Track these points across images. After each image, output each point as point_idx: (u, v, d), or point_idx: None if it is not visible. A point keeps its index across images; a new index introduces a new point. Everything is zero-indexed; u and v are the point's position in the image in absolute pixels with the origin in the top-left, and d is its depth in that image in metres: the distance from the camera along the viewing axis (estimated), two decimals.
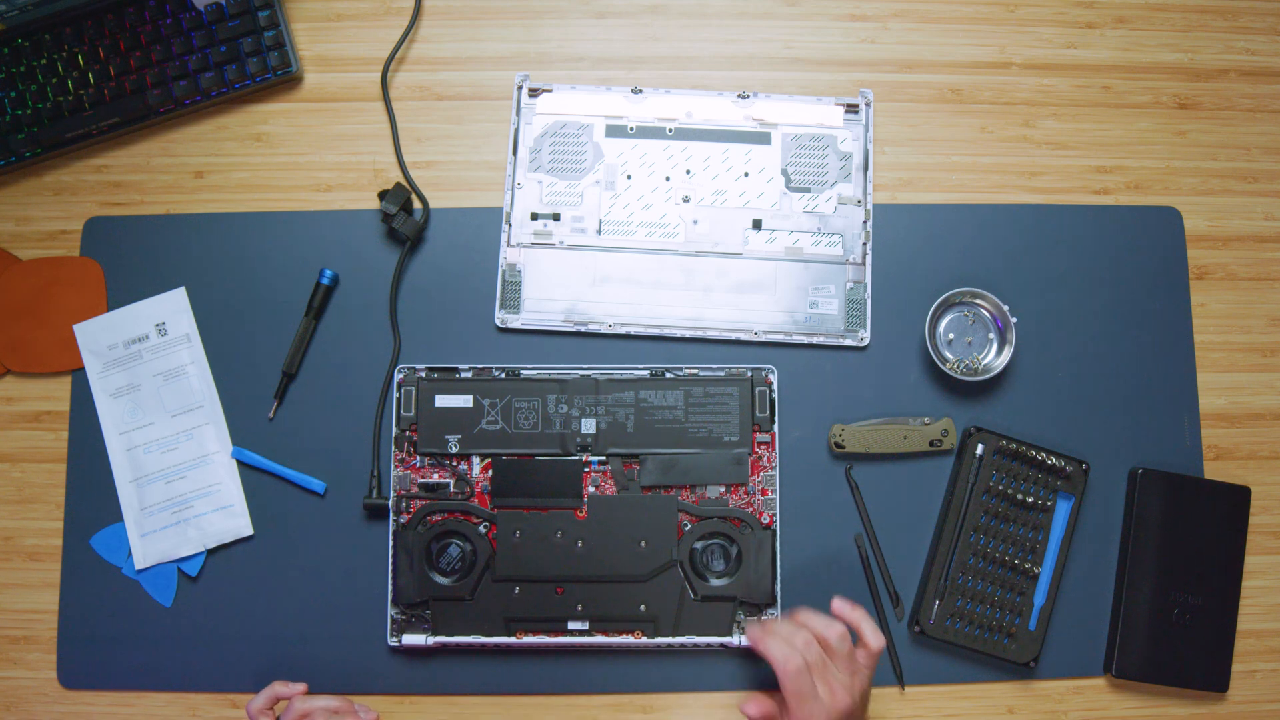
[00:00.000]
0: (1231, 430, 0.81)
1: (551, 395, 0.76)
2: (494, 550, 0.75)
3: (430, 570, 0.74)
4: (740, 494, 0.76)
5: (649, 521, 0.75)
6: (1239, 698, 0.78)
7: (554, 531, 0.75)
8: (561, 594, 0.74)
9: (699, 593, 0.75)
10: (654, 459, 0.76)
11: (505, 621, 0.74)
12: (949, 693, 0.77)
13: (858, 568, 0.78)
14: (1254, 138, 0.85)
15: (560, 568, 0.74)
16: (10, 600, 0.78)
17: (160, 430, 0.79)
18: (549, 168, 0.82)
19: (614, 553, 0.75)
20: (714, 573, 0.75)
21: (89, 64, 0.82)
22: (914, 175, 0.83)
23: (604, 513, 0.75)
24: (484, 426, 0.76)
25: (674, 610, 0.74)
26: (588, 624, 0.74)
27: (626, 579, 0.75)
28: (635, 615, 0.74)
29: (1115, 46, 0.86)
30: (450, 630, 0.74)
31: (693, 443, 0.76)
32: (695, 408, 0.76)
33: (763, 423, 0.76)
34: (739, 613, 0.75)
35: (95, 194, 0.83)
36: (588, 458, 0.76)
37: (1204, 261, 0.83)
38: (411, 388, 0.76)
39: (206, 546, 0.78)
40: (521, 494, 0.75)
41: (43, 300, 0.81)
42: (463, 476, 0.76)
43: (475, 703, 0.77)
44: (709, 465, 0.76)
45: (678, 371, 0.77)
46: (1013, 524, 0.77)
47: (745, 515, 0.75)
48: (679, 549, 0.75)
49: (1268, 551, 0.80)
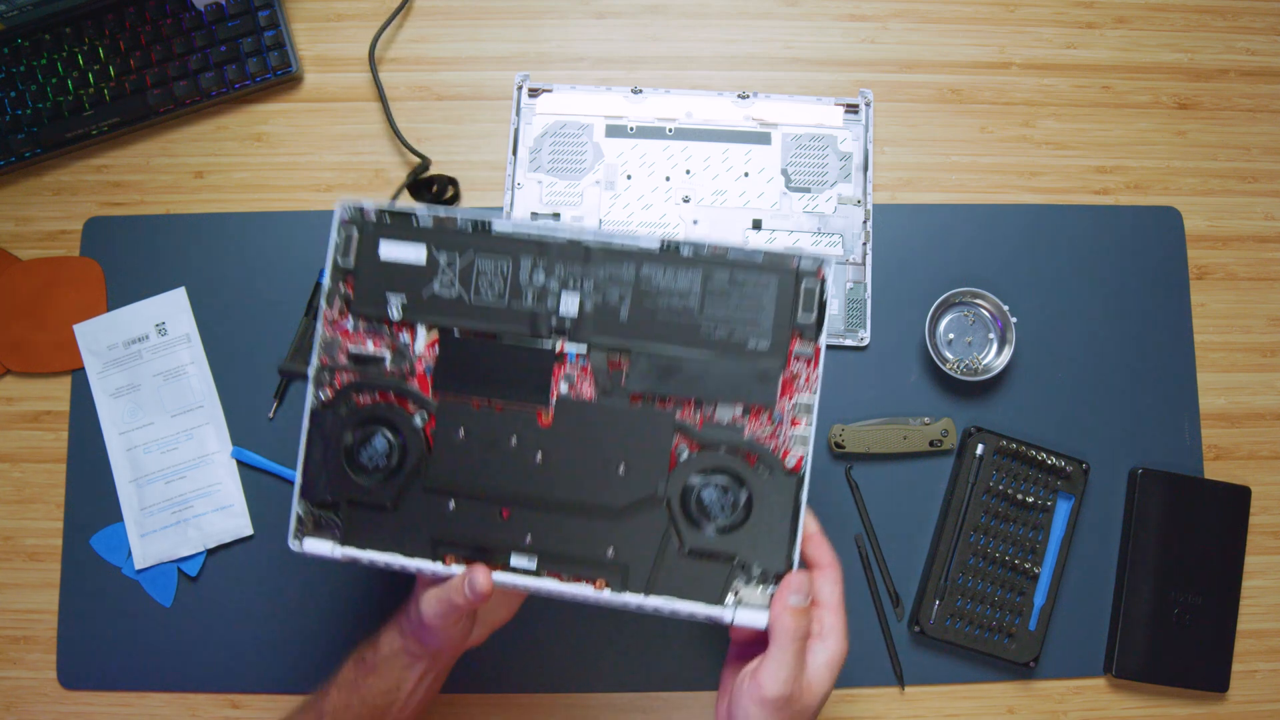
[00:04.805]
0: (1231, 430, 0.81)
1: (527, 259, 0.58)
2: (429, 449, 0.58)
3: (348, 464, 0.58)
4: (762, 421, 0.57)
5: (633, 440, 0.57)
6: (1239, 698, 0.78)
7: (508, 436, 0.57)
8: (508, 518, 0.57)
9: (687, 544, 0.56)
10: (650, 359, 0.57)
11: (432, 542, 0.58)
12: (949, 693, 0.77)
13: (858, 568, 0.78)
14: (1254, 138, 0.85)
15: (510, 484, 0.57)
16: (10, 600, 0.78)
17: (160, 430, 0.79)
18: (549, 168, 0.82)
19: (582, 475, 0.57)
20: (711, 520, 0.57)
21: (89, 64, 0.82)
22: (914, 175, 0.83)
23: (575, 421, 0.58)
24: (437, 290, 0.59)
25: (651, 561, 0.57)
26: (536, 561, 0.57)
27: (595, 511, 0.57)
28: (599, 559, 0.57)
29: (1115, 46, 0.86)
30: (363, 542, 0.58)
31: (705, 344, 0.57)
32: (715, 298, 0.57)
33: (806, 330, 0.57)
34: (736, 579, 0.56)
35: (95, 194, 0.83)
36: (563, 345, 0.58)
37: (1204, 261, 0.83)
38: (354, 229, 0.59)
39: (206, 546, 0.78)
40: (473, 382, 0.58)
41: (43, 300, 0.81)
42: (403, 350, 0.59)
43: (475, 702, 0.77)
44: (724, 376, 0.57)
45: (698, 247, 0.57)
46: (1013, 524, 0.77)
47: (764, 451, 0.57)
48: (668, 483, 0.57)
49: (1268, 551, 0.80)
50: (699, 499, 0.57)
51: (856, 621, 0.77)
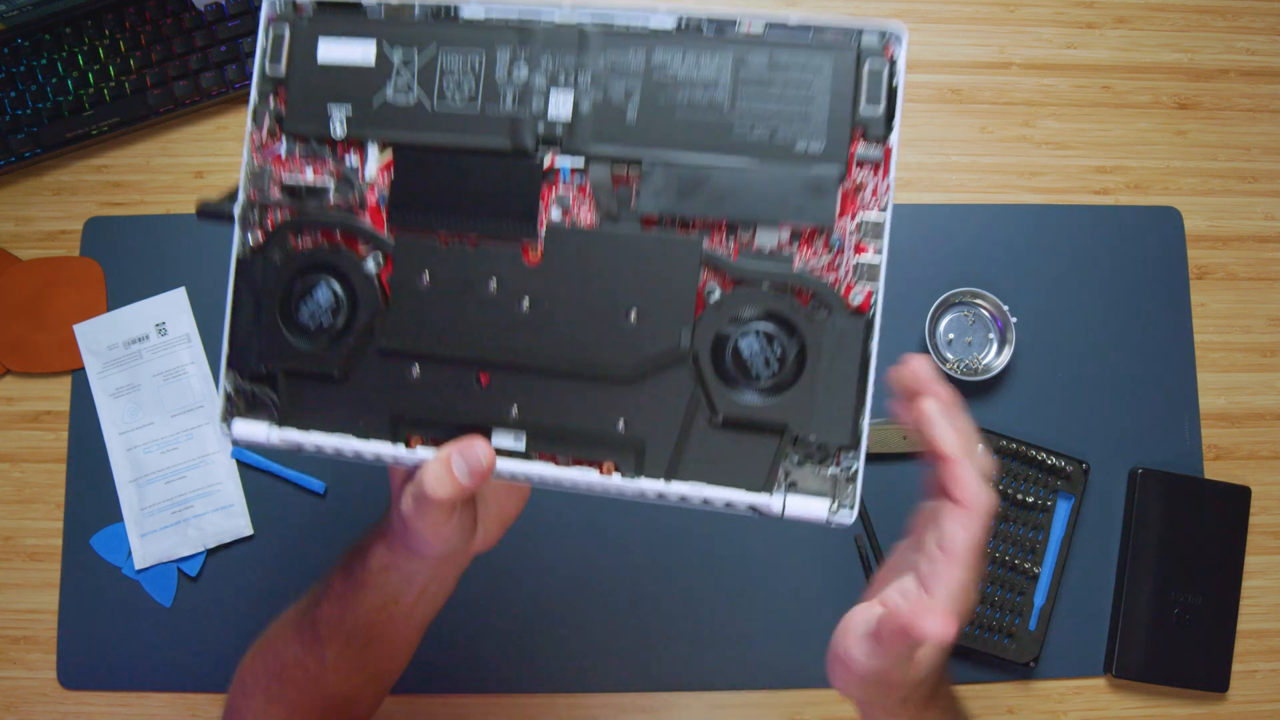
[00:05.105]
0: (1231, 430, 0.81)
1: (504, 50, 0.45)
2: (385, 301, 0.45)
3: (285, 325, 0.46)
4: (817, 248, 0.43)
5: (648, 278, 0.43)
6: (1239, 698, 0.78)
7: (485, 279, 0.44)
8: (487, 385, 0.44)
9: (721, 412, 0.43)
10: (667, 170, 0.43)
11: (391, 420, 0.45)
12: None
13: (858, 568, 0.78)
14: (1254, 138, 0.85)
15: (489, 341, 0.44)
16: (10, 600, 0.78)
17: (160, 430, 0.79)
18: None
19: (582, 326, 0.44)
20: (752, 380, 0.43)
21: (88, 64, 0.82)
22: (914, 175, 0.83)
23: (571, 256, 0.44)
24: (390, 97, 0.46)
25: (674, 436, 0.43)
26: (524, 440, 0.44)
27: (599, 373, 0.43)
28: (607, 435, 0.43)
29: (1115, 46, 0.86)
30: (306, 422, 0.45)
31: (740, 148, 0.43)
32: (751, 89, 0.43)
33: (872, 126, 0.43)
34: (789, 455, 0.43)
35: (95, 194, 0.83)
36: (554, 159, 0.44)
37: (1204, 261, 0.83)
38: (285, 26, 0.46)
39: (206, 546, 0.78)
40: (439, 212, 0.45)
41: (43, 300, 0.81)
42: (349, 177, 0.46)
43: (475, 703, 0.77)
44: (765, 190, 0.43)
45: (727, 22, 0.44)
46: (1013, 524, 0.77)
47: (821, 286, 0.43)
48: (695, 332, 0.43)
49: (1268, 551, 0.80)
50: (736, 352, 0.43)
51: None
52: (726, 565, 0.78)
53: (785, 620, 0.77)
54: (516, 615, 0.77)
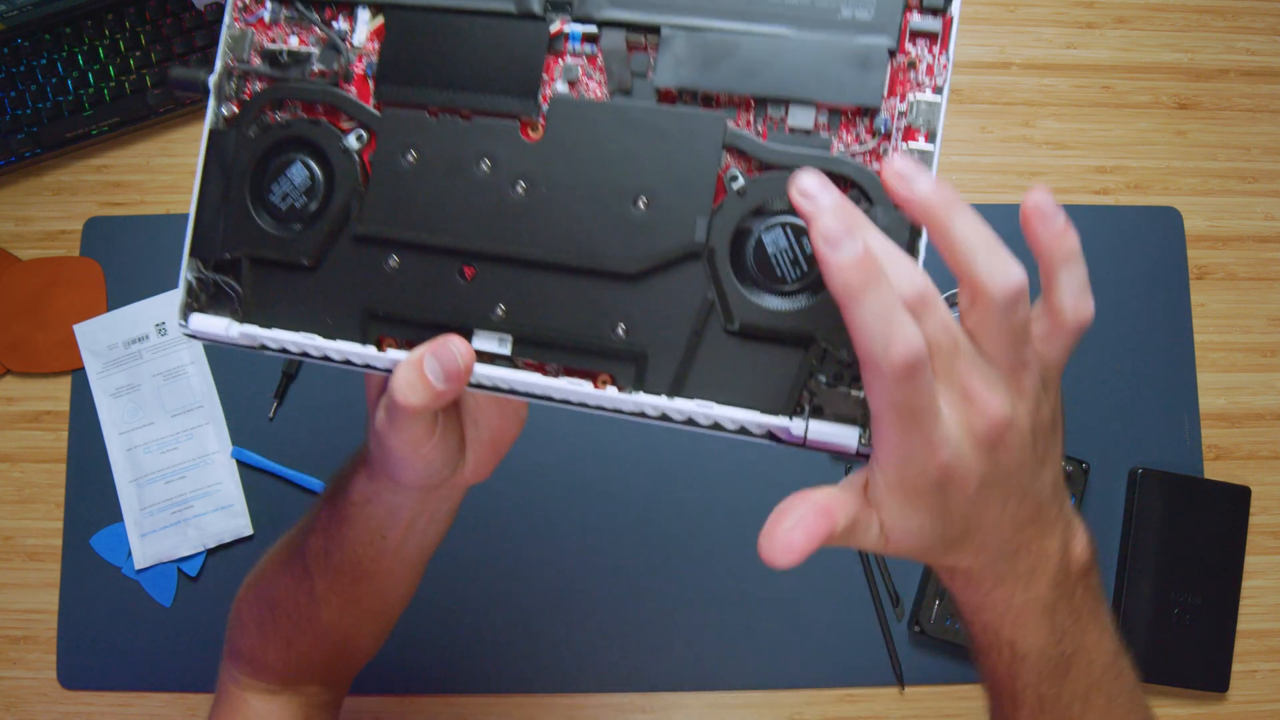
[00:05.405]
0: (1231, 430, 0.81)
1: None
2: (365, 180, 0.40)
3: (255, 206, 0.40)
4: (859, 131, 0.37)
5: (662, 160, 0.37)
6: (1239, 698, 0.78)
7: (477, 158, 0.38)
8: (472, 279, 0.38)
9: (738, 318, 0.36)
10: (691, 37, 0.37)
11: (363, 316, 0.39)
12: (949, 693, 0.77)
13: (858, 568, 0.78)
14: (1254, 138, 0.85)
15: (477, 229, 0.38)
16: (10, 600, 0.78)
17: (160, 430, 0.79)
18: None
19: (583, 213, 0.38)
20: (777, 283, 0.36)
21: (88, 64, 0.82)
22: None
23: (576, 133, 0.38)
24: None
25: (681, 345, 0.37)
26: (510, 343, 0.38)
27: (598, 269, 0.37)
28: (604, 342, 0.37)
29: (1115, 46, 0.86)
30: (271, 317, 0.40)
31: (773, 14, 0.37)
32: None
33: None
34: (816, 372, 0.36)
35: (95, 194, 0.83)
36: (562, 24, 0.39)
37: (1204, 261, 0.83)
38: None
39: (206, 546, 0.78)
40: (431, 83, 0.39)
41: (43, 300, 0.81)
42: (336, 43, 0.41)
43: (475, 703, 0.77)
44: (801, 62, 0.37)
45: None
46: None
47: (864, 175, 0.36)
48: (713, 224, 0.36)
49: (1268, 551, 0.80)
50: (759, 248, 0.36)
51: (856, 622, 0.77)
52: (727, 565, 0.78)
53: (785, 620, 0.77)
54: (516, 615, 0.77)
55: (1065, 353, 0.37)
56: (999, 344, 0.33)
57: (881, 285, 0.30)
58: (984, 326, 0.33)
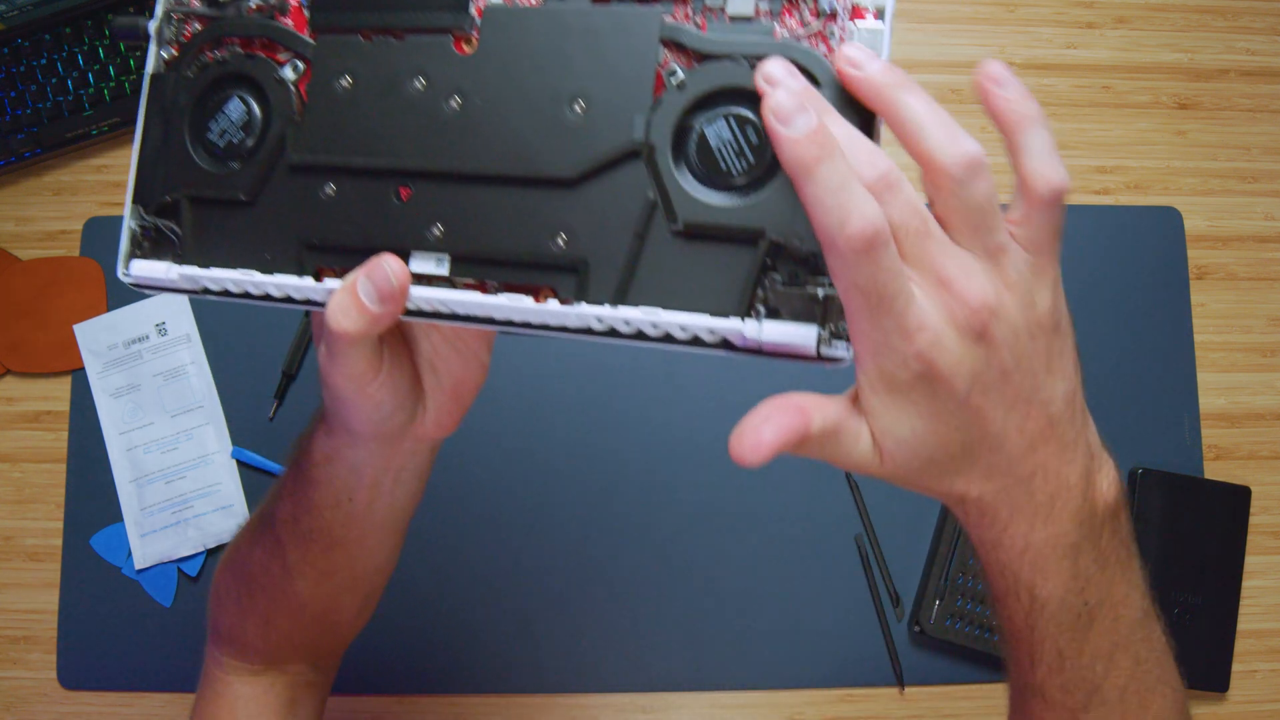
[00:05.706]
0: (1231, 430, 0.81)
1: None
2: (301, 110, 0.39)
3: (195, 147, 0.40)
4: (804, 12, 0.35)
5: (597, 60, 0.35)
6: (1239, 698, 0.78)
7: (411, 76, 0.37)
8: (408, 199, 0.37)
9: (682, 217, 0.34)
10: None
11: (300, 247, 0.38)
12: (949, 693, 0.77)
13: (858, 568, 0.78)
14: (1254, 138, 0.85)
15: (411, 148, 0.37)
16: (10, 600, 0.78)
17: (160, 430, 0.79)
18: None
19: (518, 123, 0.36)
20: (722, 176, 0.34)
21: (89, 64, 0.82)
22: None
23: (509, 42, 0.36)
24: None
25: (624, 251, 0.35)
26: (448, 262, 0.37)
27: (534, 177, 0.36)
28: (545, 255, 0.35)
29: (1115, 46, 0.86)
30: (210, 257, 0.40)
31: None
32: None
33: None
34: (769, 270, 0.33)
35: (95, 194, 0.83)
36: None
37: (1204, 261, 0.83)
38: None
39: (206, 546, 0.78)
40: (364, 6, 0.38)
41: (43, 300, 0.81)
42: None
43: (475, 703, 0.77)
44: None
45: None
46: None
47: (810, 58, 0.34)
48: (652, 121, 0.35)
49: (1268, 551, 0.80)
50: (702, 142, 0.34)
51: (856, 622, 0.77)
52: (727, 565, 0.78)
53: (785, 620, 0.77)
54: (515, 615, 0.77)
55: (1048, 233, 0.35)
56: (966, 224, 0.32)
57: (836, 158, 0.29)
58: (948, 208, 0.32)
